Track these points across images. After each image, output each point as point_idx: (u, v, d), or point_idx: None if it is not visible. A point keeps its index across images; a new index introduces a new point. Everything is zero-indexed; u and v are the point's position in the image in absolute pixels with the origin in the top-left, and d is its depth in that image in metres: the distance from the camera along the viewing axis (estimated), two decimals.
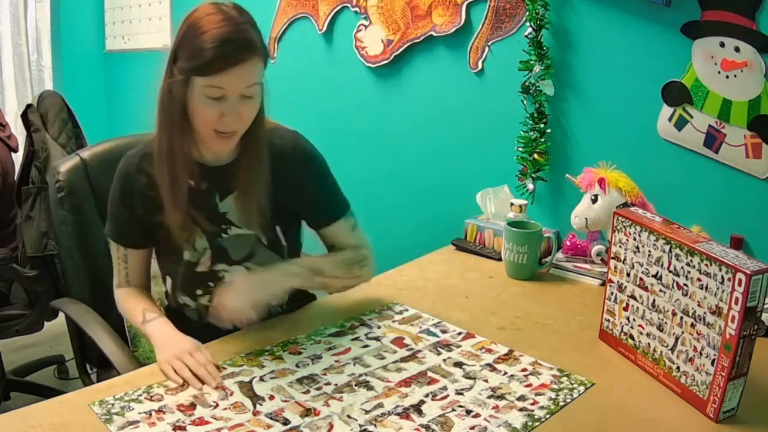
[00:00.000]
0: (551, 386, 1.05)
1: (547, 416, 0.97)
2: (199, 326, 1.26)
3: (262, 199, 1.20)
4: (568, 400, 1.01)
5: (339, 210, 1.29)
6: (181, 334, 1.14)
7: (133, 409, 0.95)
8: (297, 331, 1.22)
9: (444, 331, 1.24)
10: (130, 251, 1.26)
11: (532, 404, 0.99)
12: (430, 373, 1.08)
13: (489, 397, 1.02)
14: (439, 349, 1.17)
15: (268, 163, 1.20)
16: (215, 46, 1.04)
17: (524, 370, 1.10)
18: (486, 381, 1.06)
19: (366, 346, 1.17)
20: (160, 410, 0.95)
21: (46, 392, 2.17)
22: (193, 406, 0.97)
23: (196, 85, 1.07)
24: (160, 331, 1.16)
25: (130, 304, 1.25)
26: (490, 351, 1.17)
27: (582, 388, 1.04)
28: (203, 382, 1.03)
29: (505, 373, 1.09)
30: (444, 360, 1.13)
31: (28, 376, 2.35)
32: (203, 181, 1.19)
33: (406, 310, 1.33)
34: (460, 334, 1.23)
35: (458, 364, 1.12)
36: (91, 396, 0.98)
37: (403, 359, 1.13)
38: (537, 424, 0.95)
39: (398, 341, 1.19)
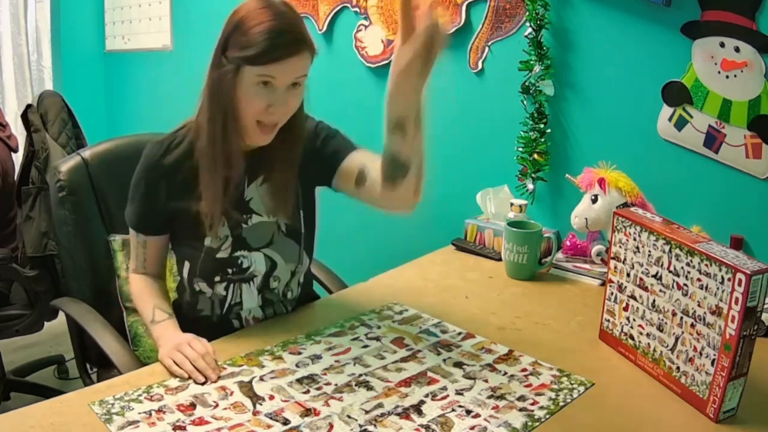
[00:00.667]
0: (551, 386, 1.05)
1: (547, 416, 0.97)
2: (210, 323, 1.26)
3: (292, 185, 1.24)
4: (568, 400, 1.01)
5: (348, 148, 1.28)
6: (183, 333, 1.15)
7: (133, 409, 0.95)
8: (297, 331, 1.22)
9: (444, 331, 1.24)
10: (150, 238, 1.25)
11: (532, 404, 0.99)
12: (430, 373, 1.08)
13: (489, 397, 1.02)
14: (439, 349, 1.17)
15: (301, 151, 1.24)
16: (270, 37, 1.07)
17: (524, 370, 1.10)
18: (486, 381, 1.06)
19: (366, 346, 1.17)
20: (160, 410, 0.95)
21: (46, 392, 2.17)
22: (193, 406, 0.97)
23: (247, 74, 1.09)
24: (165, 332, 1.16)
25: (144, 295, 1.25)
26: (490, 351, 1.17)
27: (582, 388, 1.04)
28: (205, 377, 1.03)
29: (505, 373, 1.09)
30: (444, 360, 1.13)
31: (28, 376, 2.35)
32: (240, 168, 1.20)
33: (406, 310, 1.33)
34: (460, 334, 1.23)
35: (458, 364, 1.12)
36: (91, 396, 0.98)
37: (403, 359, 1.13)
38: (537, 424, 0.95)
39: (398, 341, 1.19)
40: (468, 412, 0.97)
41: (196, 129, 1.19)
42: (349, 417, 0.95)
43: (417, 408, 0.98)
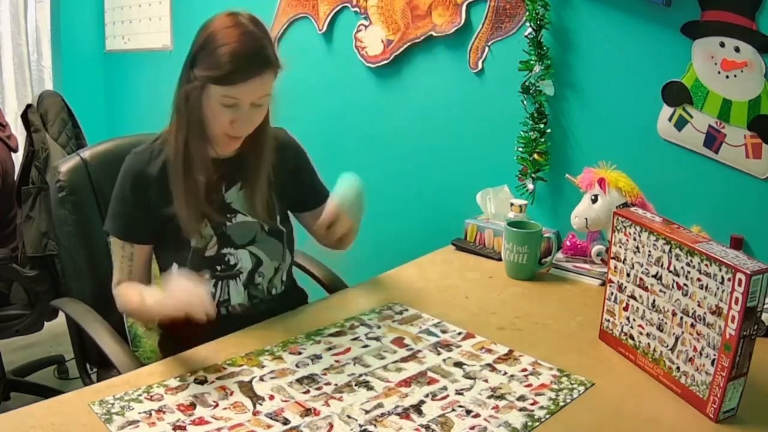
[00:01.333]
0: (551, 386, 1.05)
1: (547, 416, 0.97)
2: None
3: (265, 190, 1.30)
4: (568, 401, 1.01)
5: (326, 192, 1.37)
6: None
7: (133, 408, 0.95)
8: (297, 331, 1.22)
9: (444, 331, 1.24)
10: (137, 248, 1.27)
11: (532, 404, 1.00)
12: (430, 373, 1.08)
13: (489, 397, 1.02)
14: (439, 349, 1.17)
15: (270, 158, 1.31)
16: (233, 60, 1.13)
17: (524, 370, 1.10)
18: (486, 381, 1.06)
19: (366, 346, 1.17)
20: (160, 410, 0.95)
21: (46, 392, 2.17)
22: (192, 405, 0.97)
23: (212, 93, 1.16)
24: (158, 293, 1.15)
25: (130, 291, 1.25)
26: (490, 351, 1.17)
27: (582, 389, 1.04)
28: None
29: (505, 373, 1.09)
30: (444, 360, 1.13)
31: (28, 376, 2.35)
32: (214, 174, 1.26)
33: (406, 310, 1.33)
34: (460, 334, 1.23)
35: (458, 364, 1.12)
36: (90, 396, 0.98)
37: (403, 359, 1.13)
38: (537, 424, 0.95)
39: (398, 341, 1.19)
40: (468, 412, 0.97)
41: (159, 137, 1.28)
42: (349, 417, 0.95)
43: (417, 408, 0.98)
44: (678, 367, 1.03)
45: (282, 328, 1.24)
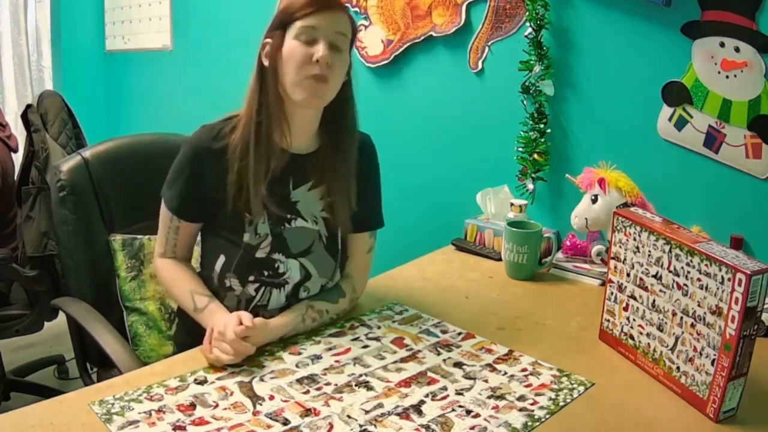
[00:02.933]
0: (551, 386, 1.05)
1: (547, 416, 0.97)
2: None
3: (347, 191, 1.24)
4: (568, 400, 1.01)
5: (376, 222, 1.34)
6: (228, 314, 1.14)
7: (133, 409, 0.95)
8: None
9: (444, 332, 1.24)
10: (184, 224, 1.23)
11: (532, 404, 0.99)
12: (430, 374, 1.08)
13: (489, 397, 1.02)
14: (439, 349, 1.17)
15: (355, 158, 1.25)
16: None
17: (524, 370, 1.10)
18: (486, 381, 1.06)
19: (366, 346, 1.17)
20: (160, 410, 0.95)
21: (46, 392, 2.17)
22: (192, 406, 0.97)
23: (291, 33, 1.14)
24: (210, 320, 1.14)
25: (178, 282, 1.23)
26: (490, 351, 1.17)
27: (582, 388, 1.04)
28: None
29: (505, 373, 1.09)
30: (444, 360, 1.13)
31: (28, 376, 2.35)
32: (283, 166, 1.21)
33: (406, 310, 1.33)
34: (460, 334, 1.23)
35: (458, 365, 1.12)
36: (91, 396, 0.98)
37: (403, 359, 1.13)
38: (537, 424, 0.95)
39: (398, 341, 1.19)
40: (468, 412, 0.97)
41: (230, 116, 1.22)
42: (349, 417, 0.95)
43: (417, 408, 0.98)
44: (678, 367, 1.03)
45: None
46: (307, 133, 1.23)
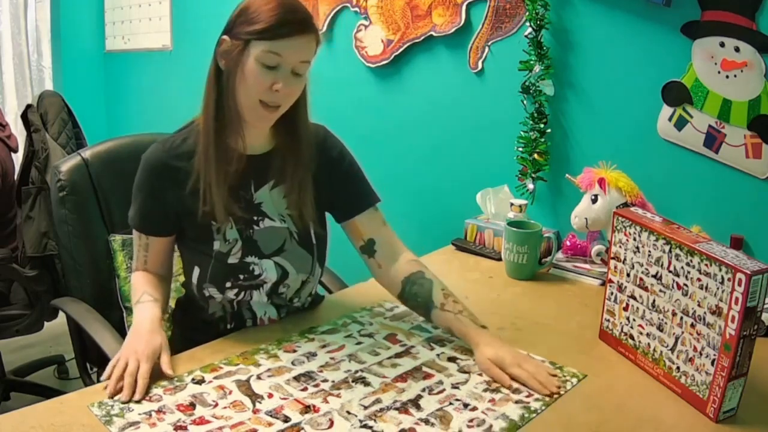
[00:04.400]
0: None
1: (543, 408, 0.98)
2: (224, 322, 1.25)
3: (306, 187, 1.22)
4: (562, 392, 1.02)
5: (371, 199, 1.30)
6: (156, 331, 1.10)
7: (132, 410, 0.95)
8: (290, 329, 1.22)
9: (436, 327, 1.24)
10: (152, 239, 1.23)
11: (527, 396, 1.01)
12: (425, 368, 1.09)
13: (485, 390, 1.03)
14: (432, 344, 1.18)
15: (311, 152, 1.23)
16: (280, 13, 1.08)
17: None
18: (480, 375, 1.07)
19: (359, 343, 1.18)
20: (159, 410, 0.95)
21: (46, 392, 2.17)
22: (192, 405, 0.97)
23: (254, 50, 1.09)
24: (140, 318, 1.14)
25: (138, 283, 1.23)
26: None
27: (575, 380, 1.06)
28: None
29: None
30: (438, 355, 1.14)
31: (28, 376, 2.35)
32: (241, 169, 1.19)
33: (397, 306, 1.33)
34: None
35: (452, 359, 1.13)
36: (90, 396, 0.98)
37: (398, 355, 1.14)
38: (534, 416, 0.96)
39: (391, 338, 1.20)
40: (465, 405, 0.98)
41: (185, 128, 1.21)
42: (348, 413, 0.95)
43: (415, 402, 0.99)
44: (678, 367, 1.03)
45: (275, 326, 1.24)
46: (261, 134, 1.22)
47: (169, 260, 1.29)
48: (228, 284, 1.21)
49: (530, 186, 1.78)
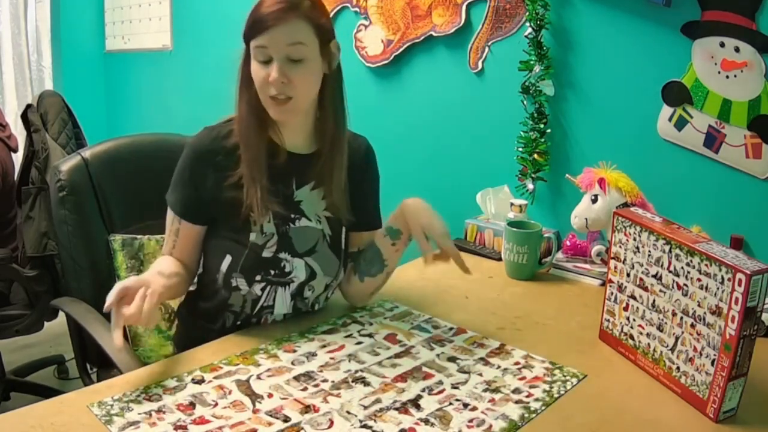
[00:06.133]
0: (544, 379, 1.06)
1: (543, 408, 0.98)
2: (234, 317, 1.24)
3: (341, 193, 1.25)
4: (562, 392, 1.02)
5: (379, 222, 1.35)
6: (158, 275, 1.11)
7: (132, 409, 0.95)
8: (289, 329, 1.22)
9: (435, 327, 1.24)
10: (185, 225, 1.22)
11: (527, 396, 1.01)
12: (424, 368, 1.09)
13: (484, 390, 1.03)
14: (431, 344, 1.18)
15: (348, 159, 1.26)
16: (261, 6, 1.12)
17: (517, 363, 1.11)
18: (480, 375, 1.07)
19: (359, 342, 1.18)
20: (159, 410, 0.95)
21: (46, 392, 2.17)
22: (192, 405, 0.97)
23: (252, 52, 1.14)
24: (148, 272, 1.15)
25: (159, 261, 1.23)
26: (482, 345, 1.17)
27: (575, 380, 1.06)
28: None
29: (499, 366, 1.10)
30: (437, 355, 1.14)
31: (28, 376, 2.35)
32: (283, 165, 1.21)
33: (396, 306, 1.34)
34: (451, 329, 1.24)
35: (452, 359, 1.13)
36: (90, 396, 0.98)
37: (397, 355, 1.14)
38: (534, 415, 0.96)
39: (391, 337, 1.20)
40: (465, 405, 0.98)
41: (230, 117, 1.23)
42: (348, 413, 0.95)
43: (415, 402, 0.99)
44: (678, 367, 1.03)
45: (274, 326, 1.24)
46: (299, 133, 1.24)
47: (196, 253, 1.26)
48: (258, 277, 1.20)
49: (530, 186, 1.78)
